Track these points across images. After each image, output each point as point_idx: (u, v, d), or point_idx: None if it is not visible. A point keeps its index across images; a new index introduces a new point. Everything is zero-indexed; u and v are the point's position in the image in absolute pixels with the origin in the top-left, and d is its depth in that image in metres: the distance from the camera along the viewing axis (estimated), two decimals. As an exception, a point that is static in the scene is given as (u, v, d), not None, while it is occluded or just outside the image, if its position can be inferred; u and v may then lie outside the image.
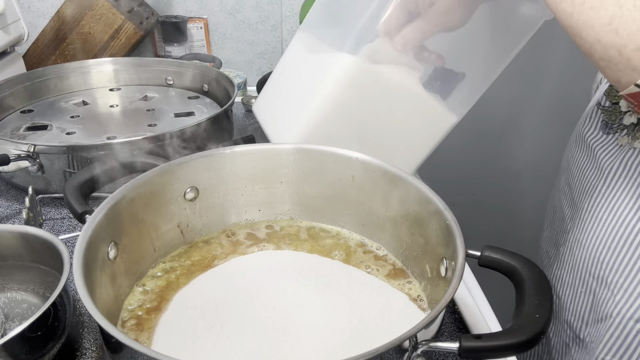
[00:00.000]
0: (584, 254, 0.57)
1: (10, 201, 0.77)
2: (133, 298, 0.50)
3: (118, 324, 0.47)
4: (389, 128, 0.63)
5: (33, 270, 0.55)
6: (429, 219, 0.49)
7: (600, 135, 0.58)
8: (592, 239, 0.56)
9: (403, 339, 0.34)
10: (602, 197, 0.56)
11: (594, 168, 0.58)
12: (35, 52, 1.12)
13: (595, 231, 0.56)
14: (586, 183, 0.59)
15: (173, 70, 1.04)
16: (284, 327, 0.44)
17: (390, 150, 0.63)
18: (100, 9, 1.06)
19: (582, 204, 0.59)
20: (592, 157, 0.58)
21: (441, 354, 0.51)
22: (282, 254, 0.56)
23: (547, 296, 0.38)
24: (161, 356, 0.33)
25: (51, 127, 0.86)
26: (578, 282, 0.59)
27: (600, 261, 0.55)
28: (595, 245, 0.56)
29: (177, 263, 0.55)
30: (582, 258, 0.58)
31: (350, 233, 0.59)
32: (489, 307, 0.61)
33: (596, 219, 0.56)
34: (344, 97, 0.59)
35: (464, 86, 0.63)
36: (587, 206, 0.58)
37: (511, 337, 0.36)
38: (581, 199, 0.59)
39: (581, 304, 0.58)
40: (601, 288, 0.55)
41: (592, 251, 0.56)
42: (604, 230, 0.55)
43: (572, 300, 0.60)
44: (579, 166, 0.61)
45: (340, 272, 0.52)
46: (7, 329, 0.53)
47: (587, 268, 0.57)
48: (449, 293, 0.38)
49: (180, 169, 0.55)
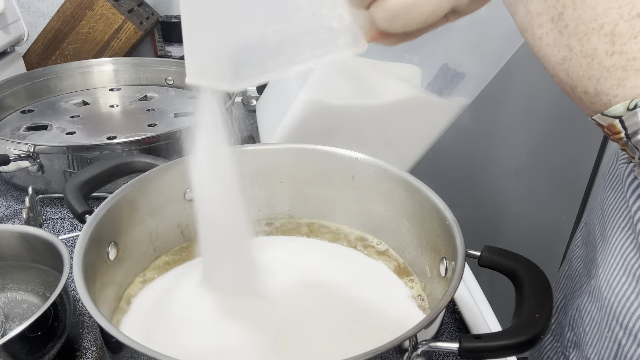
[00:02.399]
0: (610, 296, 0.50)
1: (10, 201, 0.77)
2: (133, 288, 0.50)
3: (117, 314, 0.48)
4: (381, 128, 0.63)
5: (33, 270, 0.55)
6: (429, 219, 0.49)
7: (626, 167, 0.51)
8: (618, 282, 0.49)
9: (403, 339, 0.34)
10: (630, 233, 0.48)
11: (623, 199, 0.50)
12: (35, 52, 1.12)
13: (621, 273, 0.49)
14: (619, 215, 0.51)
15: (173, 70, 1.04)
16: (281, 326, 0.44)
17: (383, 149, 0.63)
18: (100, 9, 1.06)
19: (612, 238, 0.51)
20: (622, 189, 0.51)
21: (441, 354, 0.51)
22: (279, 242, 0.56)
23: (547, 296, 0.38)
24: (161, 356, 0.33)
25: (51, 127, 0.86)
26: (605, 324, 0.51)
27: (632, 312, 0.47)
28: (622, 289, 0.48)
29: (178, 256, 0.55)
30: (610, 301, 0.50)
31: (350, 229, 0.59)
32: (489, 307, 0.61)
33: (623, 260, 0.49)
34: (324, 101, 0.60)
35: (463, 85, 0.63)
36: (615, 242, 0.50)
37: (511, 337, 0.36)
38: (612, 232, 0.52)
39: (605, 349, 0.51)
40: (629, 341, 0.48)
41: (619, 295, 0.49)
42: (629, 274, 0.48)
43: (598, 341, 0.52)
44: (609, 196, 0.53)
45: (338, 265, 0.52)
46: (7, 329, 0.53)
47: (614, 313, 0.49)
48: (449, 293, 0.38)
49: (180, 169, 0.54)
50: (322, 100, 0.60)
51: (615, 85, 0.30)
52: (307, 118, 0.61)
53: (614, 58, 0.29)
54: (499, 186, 1.49)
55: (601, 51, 0.30)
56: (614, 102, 0.30)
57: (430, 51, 0.60)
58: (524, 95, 1.36)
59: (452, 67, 0.62)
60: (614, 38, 0.29)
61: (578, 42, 0.31)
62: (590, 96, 0.32)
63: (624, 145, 0.32)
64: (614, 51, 0.29)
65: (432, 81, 0.62)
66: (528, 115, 1.39)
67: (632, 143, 0.31)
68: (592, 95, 0.31)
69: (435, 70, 0.62)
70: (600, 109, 0.31)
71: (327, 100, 0.60)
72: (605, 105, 0.31)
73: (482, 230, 1.51)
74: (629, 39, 0.29)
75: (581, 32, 0.30)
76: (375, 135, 0.64)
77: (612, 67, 0.30)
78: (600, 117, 0.32)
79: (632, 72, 0.29)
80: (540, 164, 1.46)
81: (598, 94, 0.31)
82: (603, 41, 0.30)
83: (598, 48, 0.30)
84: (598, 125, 0.33)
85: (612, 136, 0.32)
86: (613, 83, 0.30)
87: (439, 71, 0.62)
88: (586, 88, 0.31)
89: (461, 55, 0.61)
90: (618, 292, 0.49)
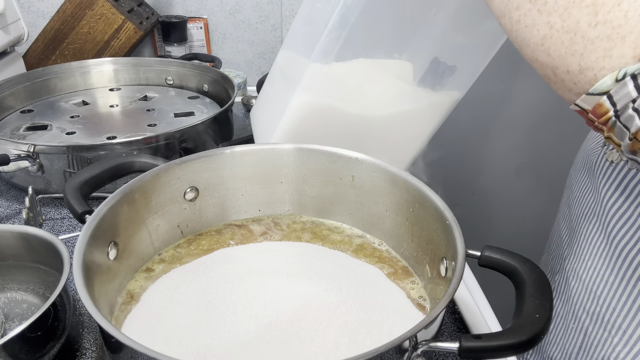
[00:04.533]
0: (579, 286, 0.51)
1: (10, 201, 0.77)
2: (134, 288, 0.51)
3: (116, 308, 0.48)
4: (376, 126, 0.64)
5: (33, 270, 0.55)
6: (429, 219, 0.49)
7: (600, 152, 0.52)
8: (588, 270, 0.50)
9: (403, 339, 0.34)
10: (599, 223, 0.49)
11: (593, 189, 0.51)
12: (35, 52, 1.12)
13: (591, 261, 0.50)
14: (585, 205, 0.52)
15: (173, 70, 1.04)
16: (282, 327, 0.44)
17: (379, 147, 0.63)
18: (100, 9, 1.06)
19: (580, 229, 0.53)
20: (591, 177, 0.52)
21: (441, 354, 0.51)
22: (281, 245, 0.56)
23: (547, 296, 0.38)
24: (161, 356, 0.33)
25: (51, 127, 0.86)
26: (570, 316, 0.53)
27: (597, 296, 0.48)
28: (592, 277, 0.49)
29: (178, 256, 0.55)
30: (577, 290, 0.52)
31: (351, 229, 0.59)
32: (489, 307, 0.61)
33: (593, 248, 0.50)
34: (319, 101, 0.60)
35: (455, 78, 0.63)
36: (585, 232, 0.52)
37: (511, 337, 0.36)
38: (579, 223, 0.53)
39: (571, 342, 0.52)
40: (595, 327, 0.49)
41: (589, 284, 0.50)
42: (601, 261, 0.48)
43: (563, 336, 0.53)
44: (580, 186, 0.55)
45: (339, 266, 0.52)
46: (7, 329, 0.53)
47: (582, 302, 0.51)
48: (449, 293, 0.38)
49: (180, 169, 0.55)
50: (318, 100, 0.60)
51: (601, 57, 0.29)
52: (304, 118, 0.61)
53: (598, 28, 0.28)
54: (499, 186, 1.49)
55: (584, 23, 0.29)
56: (600, 75, 0.29)
57: (420, 46, 0.60)
58: (524, 95, 1.36)
59: (443, 61, 0.62)
60: (596, 8, 0.28)
61: (559, 18, 0.30)
62: (573, 75, 0.30)
63: (610, 130, 0.31)
64: (598, 21, 0.28)
65: (424, 76, 0.62)
66: (528, 115, 1.39)
67: (621, 122, 0.30)
68: (575, 73, 0.30)
69: (426, 65, 0.62)
70: (584, 87, 0.30)
71: (323, 100, 0.60)
72: (590, 81, 0.30)
73: (482, 230, 1.51)
74: (612, 7, 0.28)
75: (561, 7, 0.29)
76: (371, 134, 0.64)
77: (597, 38, 0.29)
78: (584, 98, 0.30)
79: (619, 40, 0.28)
80: (540, 164, 1.46)
81: (582, 70, 0.30)
82: (585, 12, 0.29)
83: (580, 21, 0.29)
84: (580, 112, 0.32)
85: (597, 121, 0.31)
86: (599, 55, 0.29)
87: (430, 65, 0.62)
88: (569, 66, 0.30)
89: (450, 48, 0.61)
90: (585, 278, 0.49)
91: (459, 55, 0.62)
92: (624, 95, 0.29)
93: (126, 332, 0.45)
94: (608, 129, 0.31)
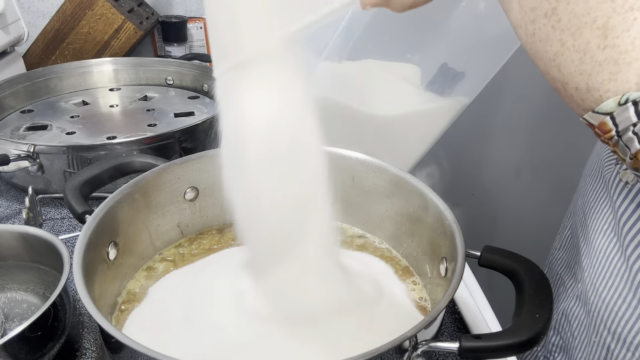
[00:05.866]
0: (598, 302, 0.49)
1: (10, 201, 0.77)
2: (134, 288, 0.50)
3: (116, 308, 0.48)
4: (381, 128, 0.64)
5: (33, 270, 0.55)
6: (429, 219, 0.49)
7: (614, 170, 0.51)
8: (608, 289, 0.48)
9: (403, 339, 0.34)
10: (619, 243, 0.48)
11: (610, 207, 0.50)
12: (35, 52, 1.12)
13: (612, 281, 0.48)
14: (604, 221, 0.50)
15: (173, 70, 1.04)
16: (282, 327, 0.44)
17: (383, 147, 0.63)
18: (100, 9, 1.06)
19: (599, 244, 0.50)
20: (608, 193, 0.51)
21: (441, 354, 0.51)
22: None
23: (547, 296, 0.38)
24: (161, 356, 0.33)
25: (51, 127, 0.86)
26: (592, 329, 0.51)
27: (618, 316, 0.47)
28: (612, 296, 0.47)
29: (178, 256, 0.55)
30: (597, 306, 0.49)
31: (351, 228, 0.59)
32: (489, 307, 0.61)
33: (610, 265, 0.48)
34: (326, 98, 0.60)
35: (463, 84, 0.63)
36: (604, 249, 0.50)
37: (511, 337, 0.36)
38: (597, 237, 0.51)
39: (594, 354, 0.51)
40: (617, 346, 0.47)
41: (609, 303, 0.48)
42: (622, 282, 0.47)
43: (587, 346, 0.52)
44: (598, 200, 0.53)
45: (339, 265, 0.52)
46: (7, 329, 0.53)
47: (602, 319, 0.49)
48: (449, 293, 0.38)
49: (180, 169, 0.55)
50: (326, 97, 0.60)
51: (606, 80, 0.29)
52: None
53: (605, 52, 0.29)
54: (499, 186, 1.49)
55: (593, 45, 0.29)
56: (605, 97, 0.30)
57: (430, 50, 0.60)
58: (525, 95, 1.35)
59: (452, 66, 0.62)
60: (606, 31, 0.29)
61: (570, 37, 0.30)
62: (581, 93, 0.31)
63: (615, 146, 0.32)
64: (606, 45, 0.29)
65: (432, 80, 0.62)
66: (528, 115, 1.39)
67: (623, 141, 0.31)
68: (583, 91, 0.31)
69: (434, 70, 0.62)
70: (591, 105, 0.31)
71: (331, 97, 0.60)
72: (596, 101, 0.30)
73: (482, 230, 1.51)
74: (621, 32, 0.28)
75: (574, 26, 0.30)
76: (376, 136, 0.64)
77: (604, 61, 0.29)
78: (591, 115, 0.31)
79: (624, 65, 0.29)
80: (540, 164, 1.46)
81: (589, 90, 0.30)
82: (596, 35, 0.29)
83: (590, 42, 0.30)
84: (589, 125, 0.32)
85: (603, 136, 0.32)
86: (605, 77, 0.29)
87: (439, 70, 0.62)
88: (577, 84, 0.31)
89: (461, 54, 0.61)
90: (605, 296, 0.48)
91: (468, 61, 0.62)
92: (625, 118, 0.29)
93: (126, 332, 0.45)
94: (613, 144, 0.32)
